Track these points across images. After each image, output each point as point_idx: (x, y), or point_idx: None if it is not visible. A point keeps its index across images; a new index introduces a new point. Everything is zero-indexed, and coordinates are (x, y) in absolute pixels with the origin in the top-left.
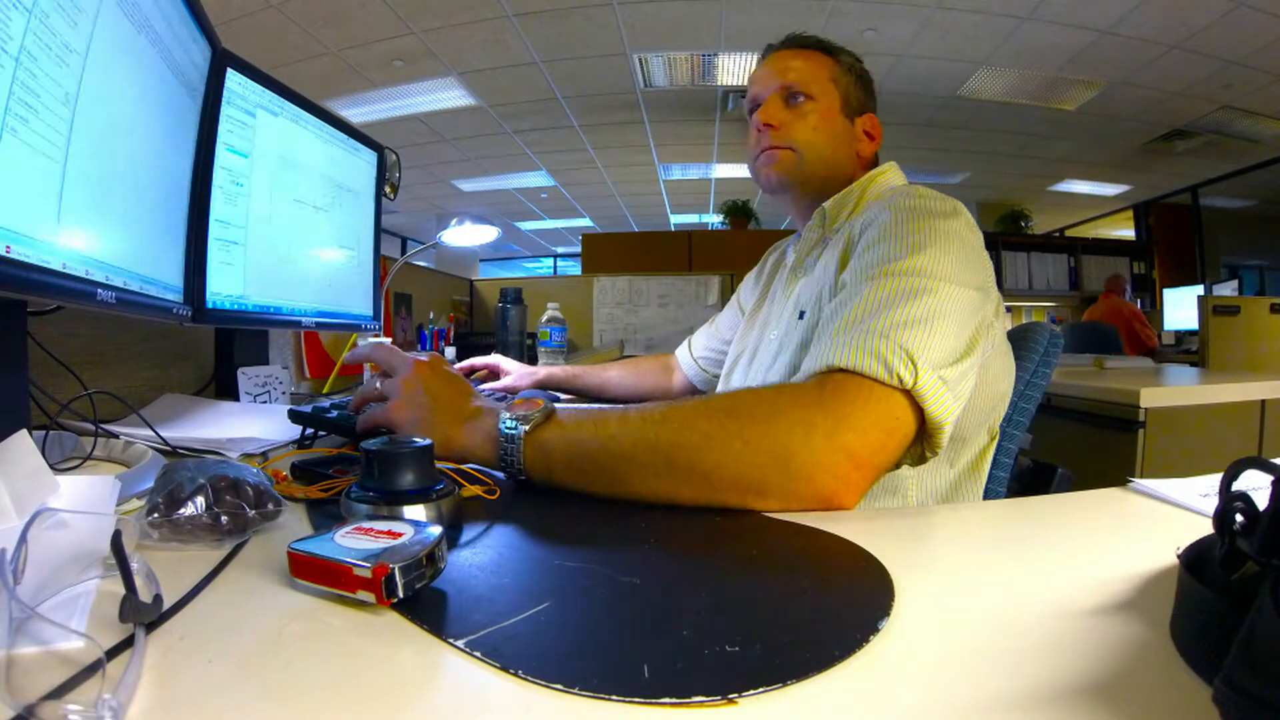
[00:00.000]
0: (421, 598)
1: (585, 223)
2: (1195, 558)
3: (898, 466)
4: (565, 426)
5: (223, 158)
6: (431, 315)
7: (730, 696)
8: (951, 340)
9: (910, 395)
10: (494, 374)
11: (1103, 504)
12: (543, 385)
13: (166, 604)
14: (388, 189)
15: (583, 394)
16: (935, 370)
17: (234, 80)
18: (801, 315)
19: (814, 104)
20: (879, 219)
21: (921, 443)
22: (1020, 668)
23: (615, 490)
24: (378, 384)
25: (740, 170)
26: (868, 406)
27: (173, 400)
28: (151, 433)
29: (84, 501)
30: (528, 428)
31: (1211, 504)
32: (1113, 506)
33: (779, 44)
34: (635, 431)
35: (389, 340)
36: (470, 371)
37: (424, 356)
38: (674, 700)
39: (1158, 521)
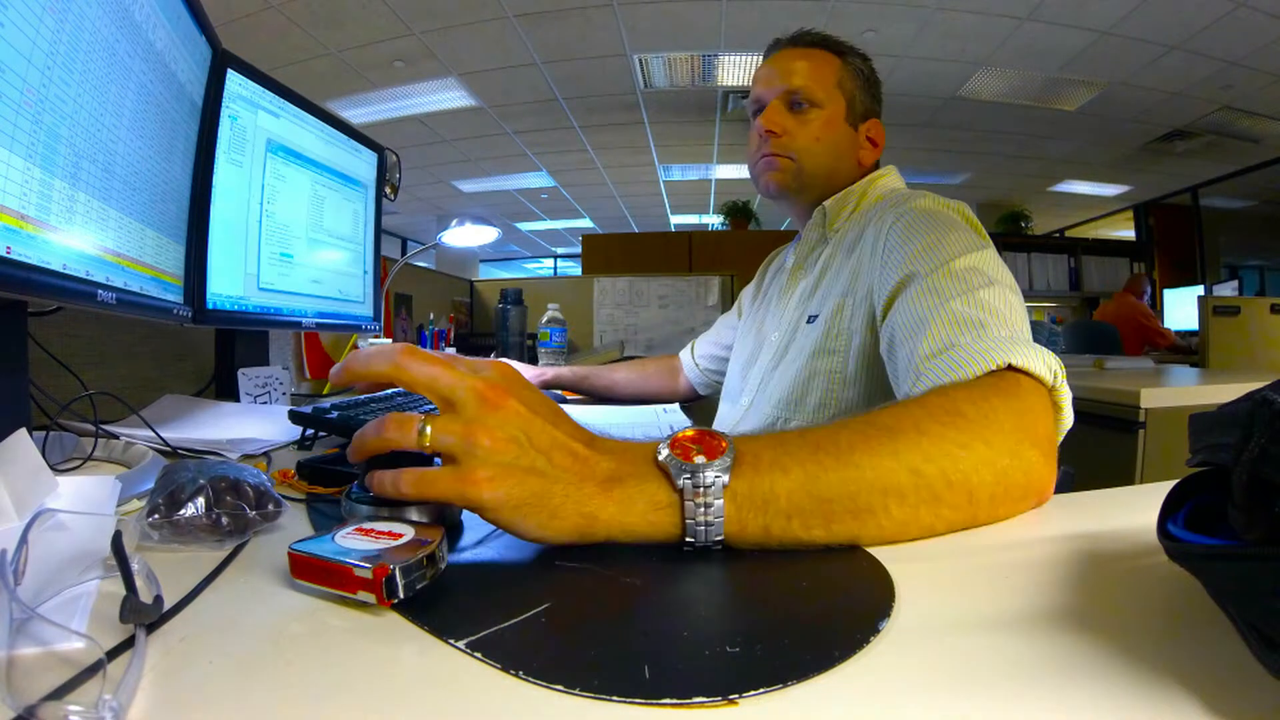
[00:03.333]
0: (422, 598)
1: (585, 223)
2: (1196, 514)
3: None
4: (776, 465)
5: (223, 158)
6: (432, 316)
7: (731, 697)
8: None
9: (1050, 393)
10: None
11: (1105, 505)
12: (551, 386)
13: (167, 605)
14: (388, 190)
15: (591, 395)
16: (1060, 368)
17: (234, 81)
18: (810, 319)
19: (818, 111)
20: (908, 221)
21: None
22: (1022, 669)
23: (847, 532)
24: (419, 424)
25: (740, 171)
26: (1047, 404)
27: (173, 401)
28: (152, 433)
29: (84, 502)
30: (726, 478)
31: None
32: (1115, 507)
33: (786, 40)
34: (881, 454)
35: (389, 341)
36: None
37: (485, 366)
38: (674, 701)
39: None
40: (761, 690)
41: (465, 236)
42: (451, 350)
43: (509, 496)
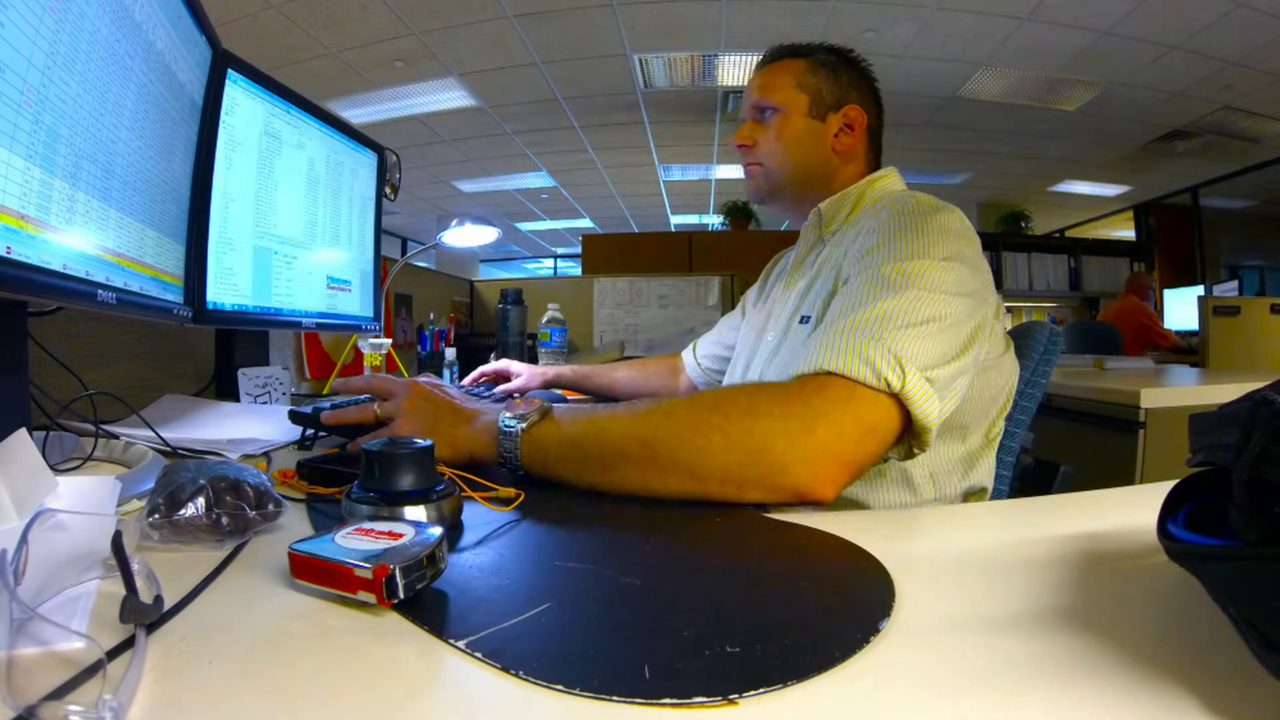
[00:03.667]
0: (422, 598)
1: (585, 223)
2: (1196, 514)
3: (885, 460)
4: (560, 423)
5: (223, 158)
6: (432, 316)
7: (731, 697)
8: (944, 341)
9: (897, 397)
10: (504, 377)
11: (1105, 504)
12: (552, 385)
13: (167, 605)
14: (388, 190)
15: (592, 394)
16: (923, 372)
17: (234, 81)
18: (804, 320)
19: (779, 115)
20: (874, 224)
21: (908, 440)
22: (1021, 669)
23: (605, 481)
24: (375, 409)
25: (740, 171)
26: (848, 406)
27: (173, 401)
28: (152, 433)
29: (84, 502)
30: (524, 425)
31: None
32: (1115, 507)
33: (759, 60)
34: (623, 425)
35: (389, 341)
36: (479, 379)
37: (422, 379)
38: (675, 701)
39: None
40: (761, 690)
41: (465, 236)
42: (451, 350)
43: (413, 431)
